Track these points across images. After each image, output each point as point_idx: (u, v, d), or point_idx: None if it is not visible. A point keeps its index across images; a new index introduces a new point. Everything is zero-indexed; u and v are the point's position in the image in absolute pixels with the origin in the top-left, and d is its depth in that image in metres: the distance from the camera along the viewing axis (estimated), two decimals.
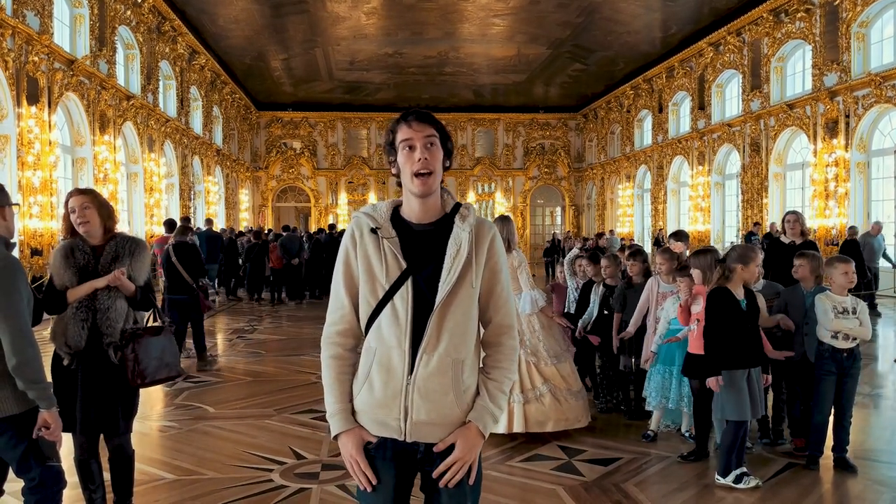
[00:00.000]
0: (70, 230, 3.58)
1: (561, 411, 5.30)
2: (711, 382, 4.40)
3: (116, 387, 3.54)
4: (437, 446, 2.10)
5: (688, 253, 6.47)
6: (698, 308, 4.77)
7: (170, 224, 12.33)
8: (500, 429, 5.20)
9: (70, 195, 3.59)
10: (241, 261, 17.20)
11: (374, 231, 2.14)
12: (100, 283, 3.48)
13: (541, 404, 5.25)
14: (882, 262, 13.69)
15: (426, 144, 2.11)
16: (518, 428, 5.20)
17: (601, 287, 6.34)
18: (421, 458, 2.13)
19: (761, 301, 4.80)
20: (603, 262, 6.40)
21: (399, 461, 2.13)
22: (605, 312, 6.22)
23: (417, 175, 2.10)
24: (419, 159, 2.10)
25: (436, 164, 2.12)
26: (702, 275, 4.88)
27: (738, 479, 4.39)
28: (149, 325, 3.76)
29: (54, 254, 3.54)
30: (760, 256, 4.65)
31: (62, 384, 3.50)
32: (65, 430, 3.52)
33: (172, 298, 8.34)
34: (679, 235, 6.92)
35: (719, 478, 4.46)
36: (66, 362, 3.47)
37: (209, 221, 17.70)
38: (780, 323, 4.96)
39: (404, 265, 2.10)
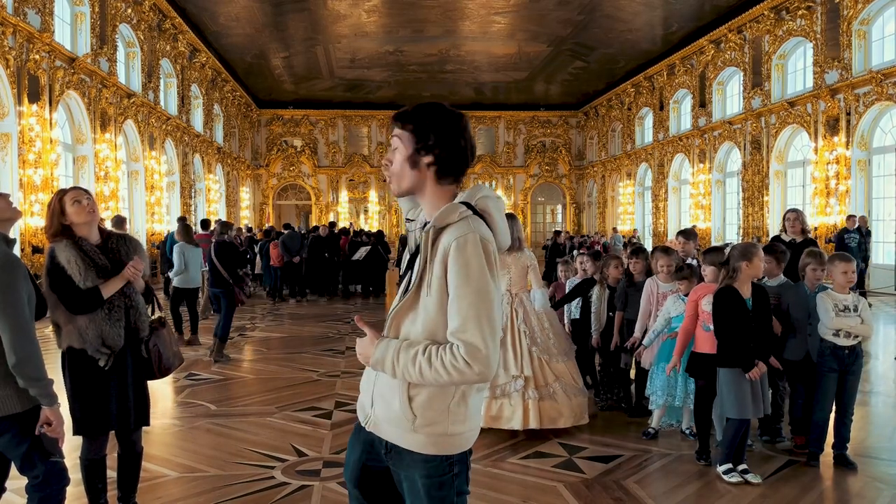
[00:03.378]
0: (59, 230, 3.42)
1: (571, 407, 5.36)
2: (755, 374, 4.40)
3: (144, 380, 3.65)
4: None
5: (695, 252, 6.45)
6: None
7: (204, 224, 13.82)
8: (517, 424, 5.22)
9: (64, 191, 3.47)
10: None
11: (407, 220, 2.30)
12: (128, 273, 3.49)
13: (554, 401, 5.31)
14: None
15: (391, 147, 2.15)
16: (534, 424, 5.23)
17: (606, 290, 6.32)
18: (385, 453, 2.14)
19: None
20: (613, 262, 6.38)
21: (366, 447, 2.21)
22: (611, 315, 6.22)
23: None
24: (384, 164, 2.16)
25: (394, 166, 2.13)
26: (717, 271, 4.80)
27: (726, 472, 4.48)
28: (154, 317, 3.79)
29: (65, 254, 3.36)
30: (762, 251, 4.65)
31: (92, 385, 3.44)
32: (95, 433, 3.53)
33: (213, 291, 9.11)
34: (687, 234, 6.82)
35: (719, 468, 4.56)
36: (102, 363, 3.41)
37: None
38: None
39: (405, 265, 2.18)
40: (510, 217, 5.62)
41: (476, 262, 1.95)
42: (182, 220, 11.71)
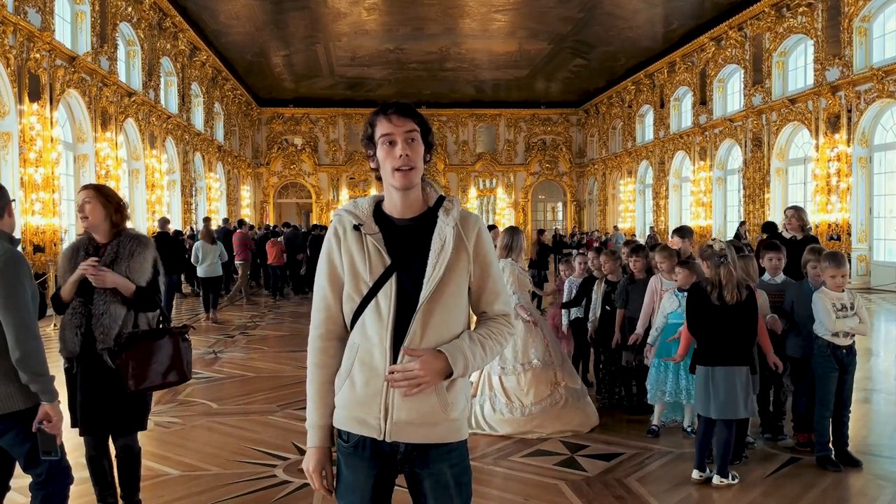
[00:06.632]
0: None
1: (505, 420, 5.36)
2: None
3: (116, 390, 3.41)
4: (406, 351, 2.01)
5: (690, 249, 6.44)
6: None
7: (240, 223, 15.21)
8: None
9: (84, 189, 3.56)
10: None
11: (356, 228, 2.08)
12: (74, 276, 3.35)
13: (491, 409, 5.41)
14: None
15: (407, 140, 2.04)
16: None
17: (603, 284, 6.34)
18: (402, 459, 2.07)
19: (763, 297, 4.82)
20: (603, 258, 6.41)
21: (378, 461, 2.08)
22: (608, 309, 6.22)
23: (398, 170, 2.04)
24: (400, 155, 2.02)
25: (417, 160, 2.05)
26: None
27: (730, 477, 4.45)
28: (154, 328, 3.59)
29: (62, 253, 3.50)
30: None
31: (68, 386, 3.51)
32: (81, 430, 3.55)
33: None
34: (683, 231, 6.84)
35: (721, 479, 4.36)
36: (65, 366, 3.47)
37: (226, 221, 18.00)
38: (769, 324, 4.89)
39: (388, 261, 2.03)
40: (513, 230, 5.66)
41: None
42: (206, 221, 13.18)
